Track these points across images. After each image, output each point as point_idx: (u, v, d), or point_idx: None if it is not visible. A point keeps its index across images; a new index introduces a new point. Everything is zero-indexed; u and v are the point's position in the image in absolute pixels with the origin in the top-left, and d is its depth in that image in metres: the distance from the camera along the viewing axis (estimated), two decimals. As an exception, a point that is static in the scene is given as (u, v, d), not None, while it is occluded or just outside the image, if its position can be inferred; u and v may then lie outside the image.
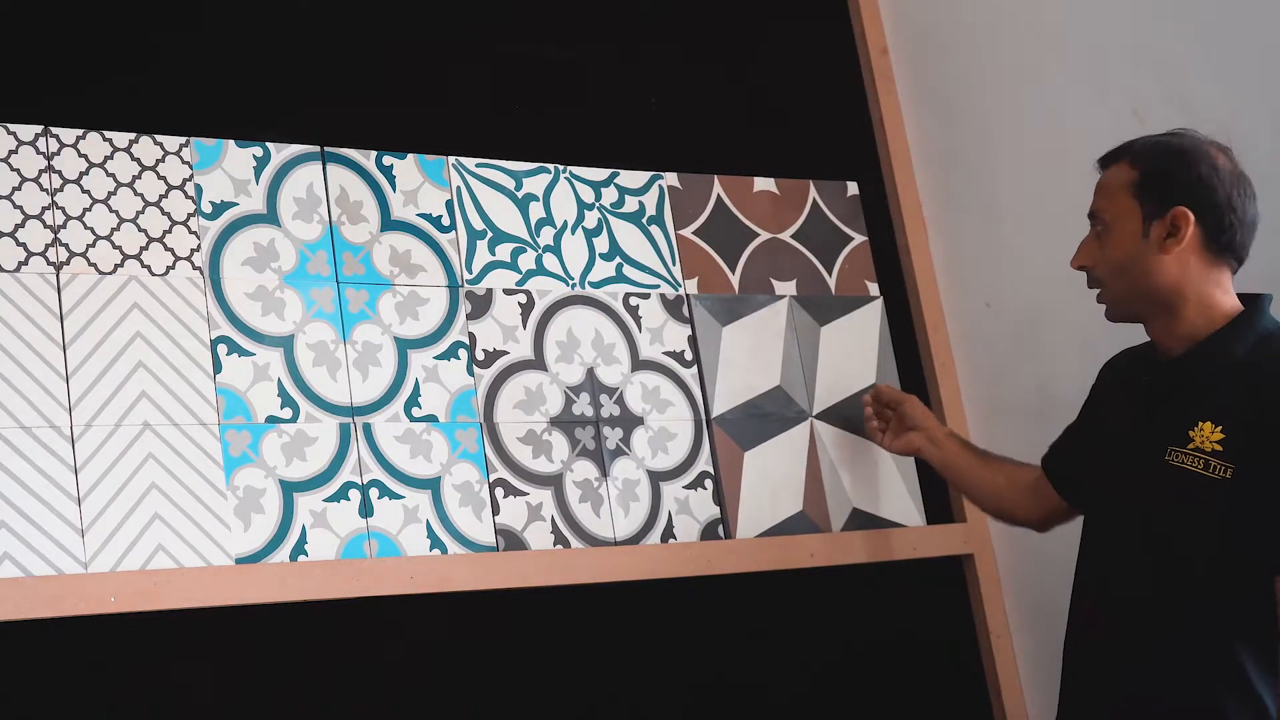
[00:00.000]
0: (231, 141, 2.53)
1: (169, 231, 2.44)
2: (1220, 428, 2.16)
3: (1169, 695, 2.19)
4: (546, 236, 2.76)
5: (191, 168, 2.49)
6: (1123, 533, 2.28)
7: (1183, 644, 2.19)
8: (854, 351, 3.00)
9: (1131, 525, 2.26)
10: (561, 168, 2.81)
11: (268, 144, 2.55)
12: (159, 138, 2.47)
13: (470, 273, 2.67)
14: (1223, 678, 2.16)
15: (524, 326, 2.68)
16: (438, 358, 2.59)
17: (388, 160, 2.65)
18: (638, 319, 2.79)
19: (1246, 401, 2.15)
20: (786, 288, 2.96)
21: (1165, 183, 2.23)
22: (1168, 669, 2.20)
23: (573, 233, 2.79)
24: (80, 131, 2.42)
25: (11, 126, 2.37)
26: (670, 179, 2.92)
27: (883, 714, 2.84)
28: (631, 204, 2.86)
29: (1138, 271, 2.23)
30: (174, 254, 2.43)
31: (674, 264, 2.86)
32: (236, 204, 2.51)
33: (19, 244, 2.33)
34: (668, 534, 2.69)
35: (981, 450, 2.76)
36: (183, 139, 2.49)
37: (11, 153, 2.36)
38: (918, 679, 2.89)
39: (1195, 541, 2.18)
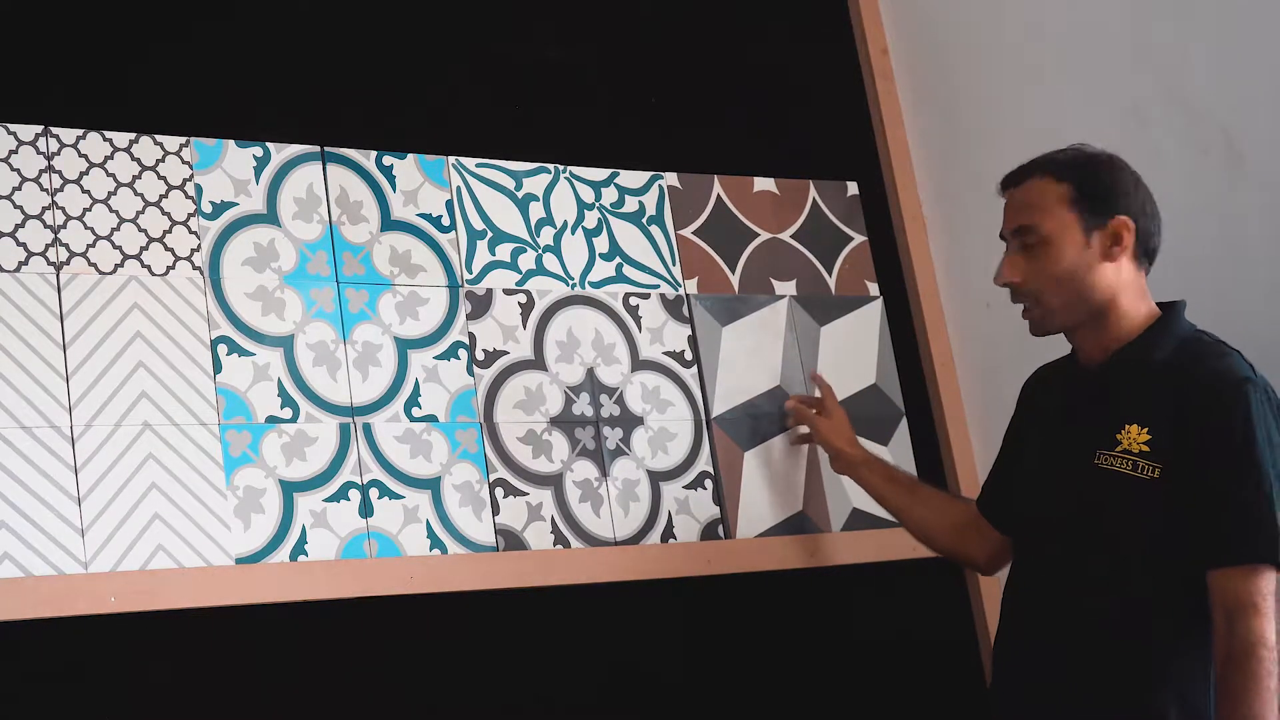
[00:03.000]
0: (231, 141, 2.53)
1: (169, 231, 2.44)
2: (1146, 429, 2.22)
3: (1105, 695, 2.22)
4: (546, 236, 2.76)
5: (191, 168, 2.49)
6: (1055, 537, 2.30)
7: (1117, 643, 2.21)
8: (854, 351, 3.00)
9: (1063, 529, 2.29)
10: (561, 168, 2.81)
11: (268, 144, 2.55)
12: (159, 138, 2.47)
13: (470, 273, 2.67)
14: (1158, 675, 2.19)
15: (524, 326, 2.68)
16: (438, 358, 2.59)
17: (388, 160, 2.65)
18: (638, 319, 2.79)
19: (1170, 403, 2.21)
20: (786, 288, 2.96)
21: (1103, 193, 2.30)
22: (1102, 668, 2.21)
23: (573, 233, 2.79)
24: (80, 131, 2.41)
25: (11, 126, 2.37)
26: (670, 179, 2.92)
27: (882, 714, 2.84)
28: (631, 204, 2.86)
29: (1080, 282, 2.29)
30: (174, 254, 2.43)
31: (674, 264, 2.86)
32: (236, 204, 2.50)
33: (19, 244, 2.33)
34: (668, 534, 2.69)
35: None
36: (183, 139, 2.49)
37: (11, 153, 2.36)
38: (917, 679, 2.89)
39: (1127, 541, 2.22)
